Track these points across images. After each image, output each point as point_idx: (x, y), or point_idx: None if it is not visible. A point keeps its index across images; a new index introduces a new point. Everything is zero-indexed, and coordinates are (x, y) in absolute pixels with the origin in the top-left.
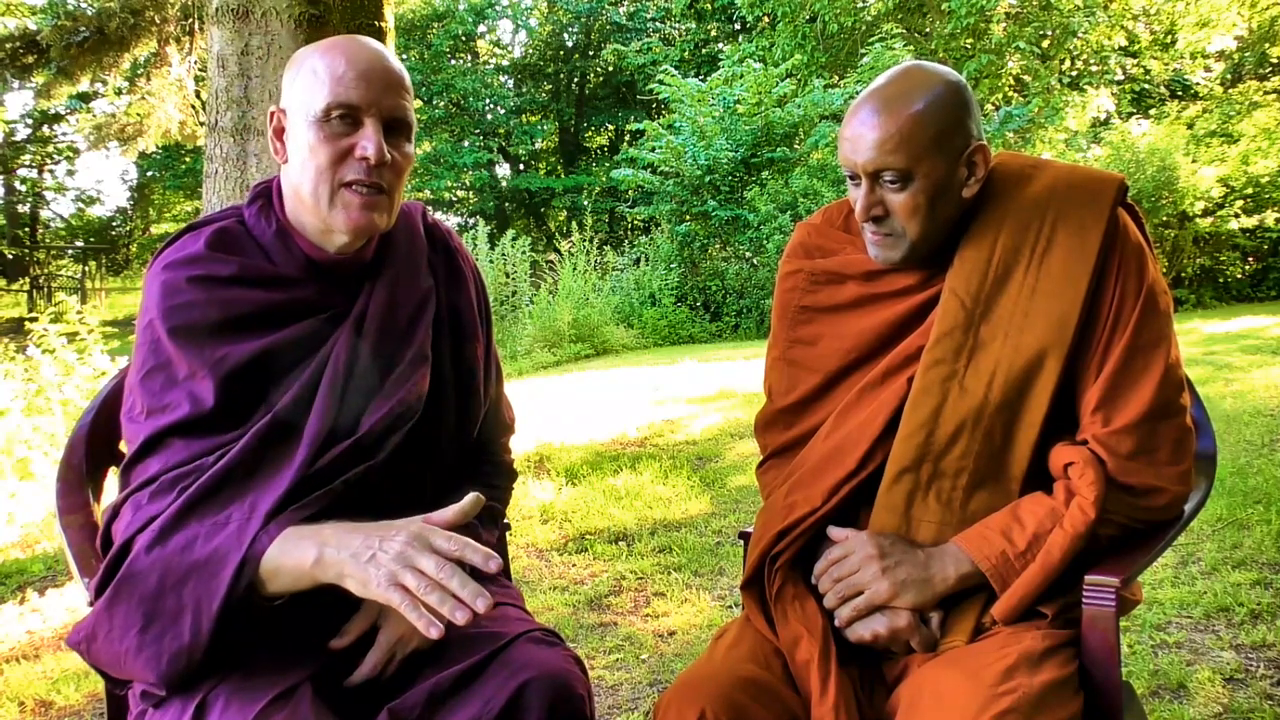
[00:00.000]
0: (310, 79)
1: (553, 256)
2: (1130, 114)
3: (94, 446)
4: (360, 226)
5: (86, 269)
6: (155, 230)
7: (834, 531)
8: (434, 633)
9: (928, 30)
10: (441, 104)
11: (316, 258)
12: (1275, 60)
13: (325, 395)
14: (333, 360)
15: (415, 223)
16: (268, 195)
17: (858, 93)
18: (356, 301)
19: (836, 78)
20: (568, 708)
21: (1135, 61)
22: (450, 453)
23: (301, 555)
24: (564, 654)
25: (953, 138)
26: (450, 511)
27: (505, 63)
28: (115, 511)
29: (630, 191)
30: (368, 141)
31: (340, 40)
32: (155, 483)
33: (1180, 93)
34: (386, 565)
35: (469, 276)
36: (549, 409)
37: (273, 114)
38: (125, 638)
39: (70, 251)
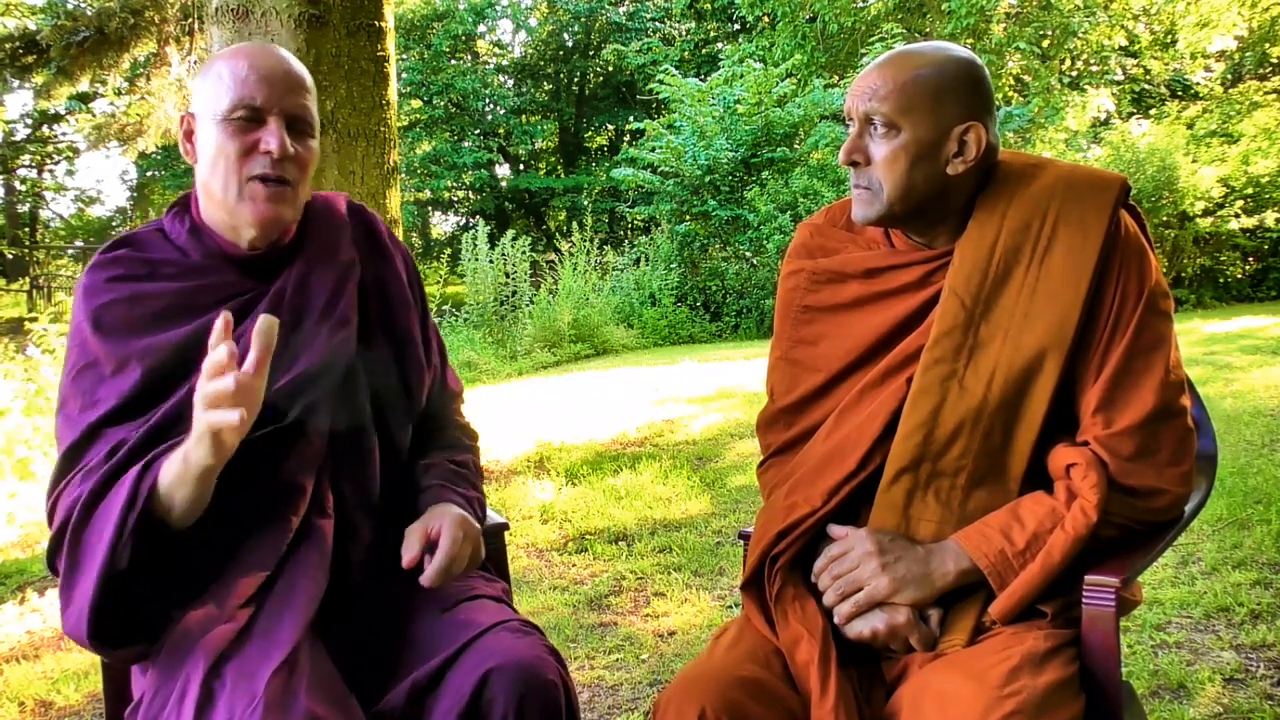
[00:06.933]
0: (216, 82)
1: (553, 256)
2: (1130, 114)
3: None
4: (267, 219)
5: None
6: None
7: (834, 529)
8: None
9: (928, 30)
10: (441, 104)
11: (231, 252)
12: (1275, 60)
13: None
14: (245, 338)
15: (336, 206)
16: (184, 202)
17: None
18: (275, 283)
19: (836, 78)
20: (539, 696)
21: (1135, 61)
22: (397, 422)
23: (176, 469)
24: (537, 643)
25: (948, 106)
26: (252, 351)
27: (505, 63)
28: (54, 502)
29: (630, 191)
30: (270, 136)
31: (245, 46)
32: (86, 468)
33: (1180, 93)
34: (198, 412)
35: (394, 253)
36: (549, 409)
37: (183, 118)
38: (63, 600)
39: (70, 251)
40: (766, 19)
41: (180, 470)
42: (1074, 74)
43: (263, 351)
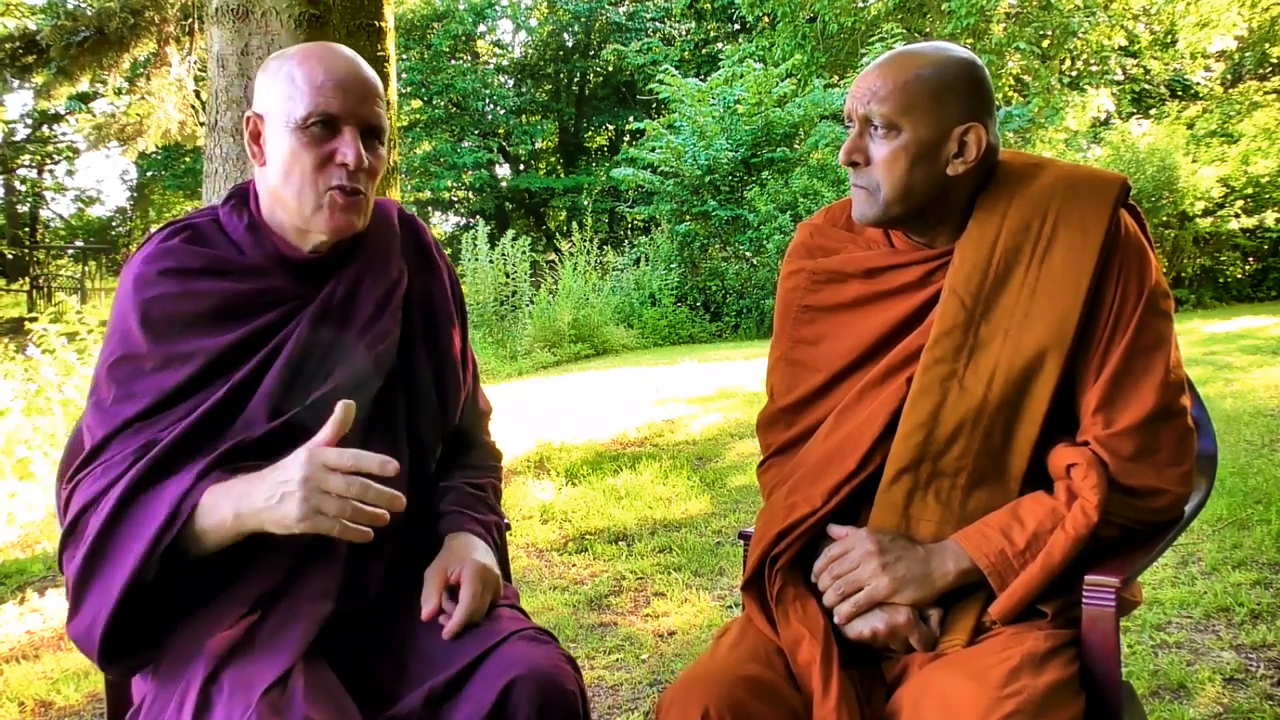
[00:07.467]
0: (288, 86)
1: (553, 256)
2: (1130, 114)
3: None
4: (339, 228)
5: (86, 269)
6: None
7: (834, 529)
8: (368, 536)
9: (928, 30)
10: (441, 104)
11: (288, 254)
12: (1275, 60)
13: (273, 376)
14: (289, 344)
15: (390, 214)
16: (243, 195)
17: None
18: (324, 290)
19: (836, 78)
20: (558, 705)
21: (1135, 61)
22: (430, 435)
23: (221, 516)
24: (555, 652)
25: (948, 106)
26: (328, 428)
27: (505, 63)
28: (71, 490)
29: (630, 191)
30: (348, 149)
31: (315, 48)
32: (109, 462)
33: (1180, 93)
34: (299, 501)
35: (441, 268)
36: (549, 409)
37: (249, 119)
38: (72, 605)
39: (70, 251)
40: (766, 19)
41: (229, 521)
42: (1074, 74)
43: (338, 431)
